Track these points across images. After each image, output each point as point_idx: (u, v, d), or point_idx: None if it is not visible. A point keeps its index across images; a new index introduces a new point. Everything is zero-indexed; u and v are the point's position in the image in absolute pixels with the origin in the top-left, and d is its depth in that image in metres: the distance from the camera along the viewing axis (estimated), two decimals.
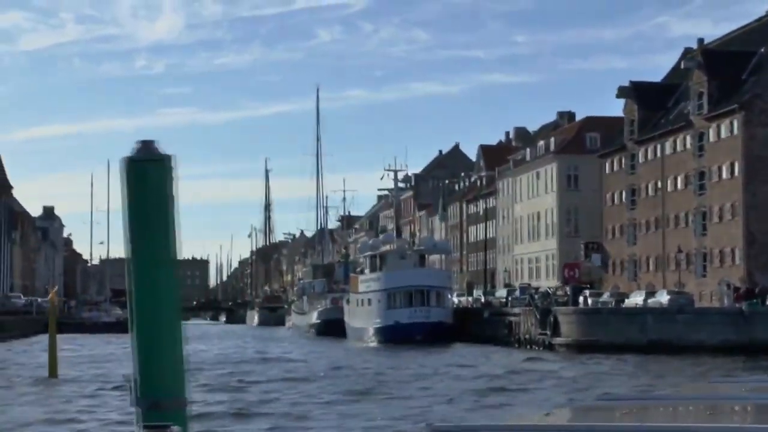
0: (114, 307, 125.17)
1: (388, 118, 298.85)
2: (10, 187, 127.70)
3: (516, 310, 63.32)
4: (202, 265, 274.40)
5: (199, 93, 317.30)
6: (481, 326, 66.71)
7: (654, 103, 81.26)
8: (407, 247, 72.17)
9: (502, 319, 63.90)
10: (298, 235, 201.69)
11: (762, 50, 72.94)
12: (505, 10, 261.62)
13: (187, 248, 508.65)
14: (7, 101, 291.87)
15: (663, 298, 65.67)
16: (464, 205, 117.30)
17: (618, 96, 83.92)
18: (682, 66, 78.70)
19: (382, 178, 78.34)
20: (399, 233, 77.25)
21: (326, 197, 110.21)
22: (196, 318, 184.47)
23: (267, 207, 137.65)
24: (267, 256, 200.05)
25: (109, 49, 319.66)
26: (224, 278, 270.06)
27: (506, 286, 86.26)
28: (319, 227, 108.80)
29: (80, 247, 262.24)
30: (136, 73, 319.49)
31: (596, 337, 53.15)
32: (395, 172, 76.53)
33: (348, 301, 76.52)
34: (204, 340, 74.79)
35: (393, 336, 65.03)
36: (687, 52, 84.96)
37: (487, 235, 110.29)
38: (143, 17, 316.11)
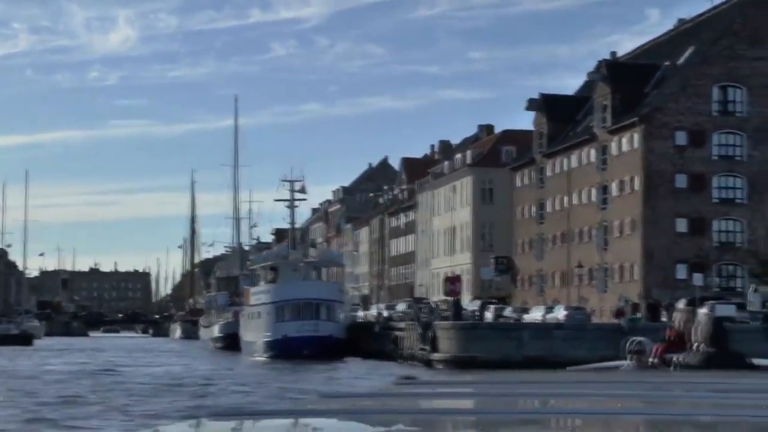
0: (32, 319, 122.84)
1: (342, 132, 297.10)
2: None
3: (402, 324, 61.84)
4: (143, 277, 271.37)
5: (153, 105, 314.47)
6: (372, 341, 65.19)
7: (563, 116, 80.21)
8: (300, 259, 70.53)
9: (390, 334, 62.43)
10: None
11: (666, 63, 72.07)
12: (461, 26, 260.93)
13: (129, 260, 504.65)
14: None
15: (560, 313, 64.55)
16: (386, 219, 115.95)
17: (527, 108, 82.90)
18: (586, 78, 77.80)
19: (278, 189, 76.71)
20: (294, 245, 75.58)
21: (238, 209, 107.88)
22: (128, 331, 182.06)
23: (192, 220, 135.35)
24: (210, 269, 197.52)
25: (62, 60, 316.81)
26: (168, 290, 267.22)
27: (417, 300, 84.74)
28: (234, 240, 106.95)
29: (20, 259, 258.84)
30: (88, 85, 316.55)
31: (473, 353, 51.63)
32: (291, 182, 75.04)
33: (243, 315, 74.96)
34: (94, 353, 72.73)
35: (281, 350, 63.33)
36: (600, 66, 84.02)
37: (406, 249, 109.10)
38: (97, 29, 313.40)
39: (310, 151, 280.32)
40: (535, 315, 66.14)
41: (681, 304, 61.48)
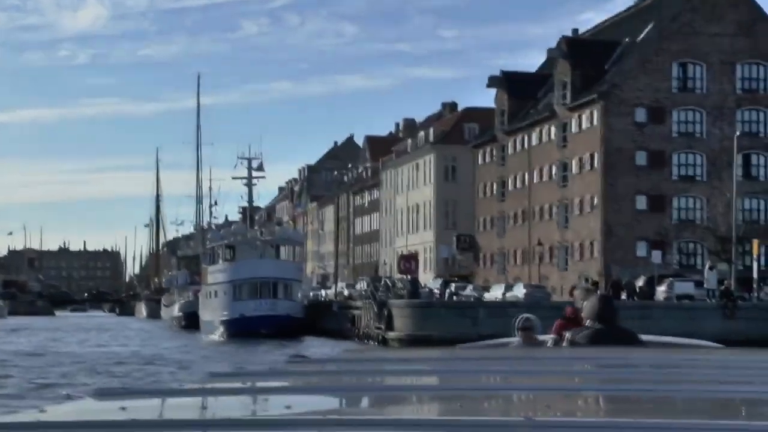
0: None
1: (312, 110, 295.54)
2: None
3: (358, 303, 61.40)
4: (113, 256, 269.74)
5: (123, 84, 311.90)
6: (330, 320, 64.74)
7: (524, 94, 79.73)
8: (257, 237, 69.79)
9: (348, 313, 61.99)
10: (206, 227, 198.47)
11: (626, 40, 71.66)
12: (432, 5, 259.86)
13: (98, 239, 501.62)
14: None
15: (520, 291, 64.23)
16: (351, 197, 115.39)
17: (488, 86, 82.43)
18: (546, 56, 77.37)
19: (235, 167, 75.79)
20: (252, 223, 74.84)
21: (200, 188, 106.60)
22: (96, 310, 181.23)
23: (157, 198, 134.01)
24: (177, 249, 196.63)
25: (32, 39, 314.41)
26: (137, 270, 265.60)
27: (375, 278, 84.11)
28: (197, 219, 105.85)
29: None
30: (59, 63, 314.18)
31: (428, 331, 51.15)
32: (249, 160, 74.23)
33: (201, 294, 74.30)
34: (51, 332, 71.90)
35: (238, 329, 62.72)
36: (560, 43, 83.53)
37: (371, 228, 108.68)
38: (67, 7, 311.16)
39: (280, 129, 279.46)
40: (496, 293, 65.82)
41: (640, 282, 61.68)
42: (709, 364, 4.32)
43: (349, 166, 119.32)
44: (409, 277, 58.56)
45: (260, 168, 74.40)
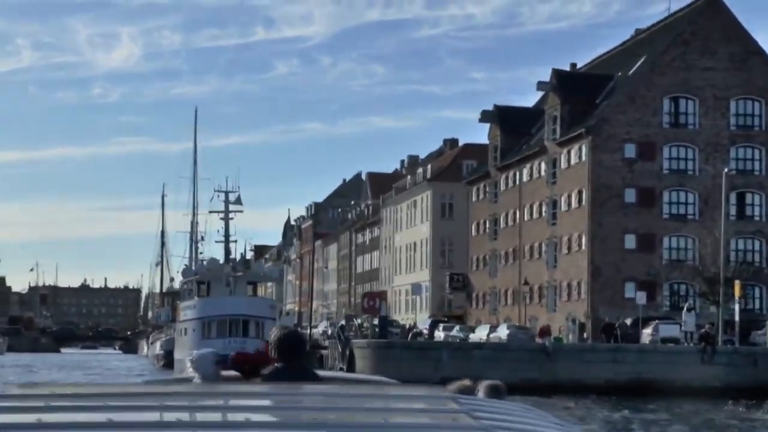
0: None
1: (342, 151, 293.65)
2: None
3: (326, 343, 59.23)
4: (133, 293, 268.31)
5: (155, 122, 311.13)
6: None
7: (517, 129, 77.42)
8: (231, 273, 67.48)
9: (316, 352, 59.82)
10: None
11: (618, 74, 69.31)
12: (464, 47, 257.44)
13: (121, 276, 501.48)
14: None
15: (503, 332, 61.99)
16: (353, 234, 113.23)
17: (481, 120, 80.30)
18: (536, 89, 75.12)
19: (211, 200, 73.70)
20: (228, 258, 72.72)
21: (196, 225, 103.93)
22: (107, 347, 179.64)
23: (162, 235, 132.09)
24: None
25: (65, 77, 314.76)
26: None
27: (348, 317, 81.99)
28: (191, 256, 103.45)
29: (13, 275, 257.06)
30: (91, 102, 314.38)
31: (387, 373, 48.78)
32: (226, 193, 72.11)
33: (175, 331, 72.17)
34: (23, 371, 70.07)
35: None
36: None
37: (371, 266, 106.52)
38: (100, 45, 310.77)
39: (304, 169, 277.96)
40: (481, 334, 63.77)
41: (627, 323, 58.94)
42: (363, 401, 4.21)
43: (352, 203, 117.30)
44: (375, 316, 56.24)
45: (238, 201, 72.22)
